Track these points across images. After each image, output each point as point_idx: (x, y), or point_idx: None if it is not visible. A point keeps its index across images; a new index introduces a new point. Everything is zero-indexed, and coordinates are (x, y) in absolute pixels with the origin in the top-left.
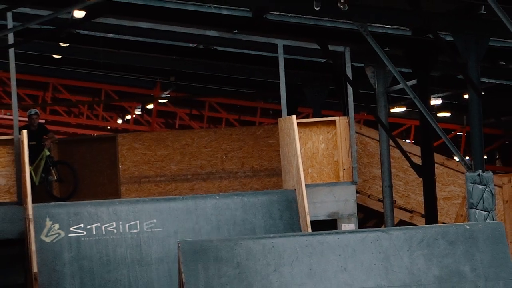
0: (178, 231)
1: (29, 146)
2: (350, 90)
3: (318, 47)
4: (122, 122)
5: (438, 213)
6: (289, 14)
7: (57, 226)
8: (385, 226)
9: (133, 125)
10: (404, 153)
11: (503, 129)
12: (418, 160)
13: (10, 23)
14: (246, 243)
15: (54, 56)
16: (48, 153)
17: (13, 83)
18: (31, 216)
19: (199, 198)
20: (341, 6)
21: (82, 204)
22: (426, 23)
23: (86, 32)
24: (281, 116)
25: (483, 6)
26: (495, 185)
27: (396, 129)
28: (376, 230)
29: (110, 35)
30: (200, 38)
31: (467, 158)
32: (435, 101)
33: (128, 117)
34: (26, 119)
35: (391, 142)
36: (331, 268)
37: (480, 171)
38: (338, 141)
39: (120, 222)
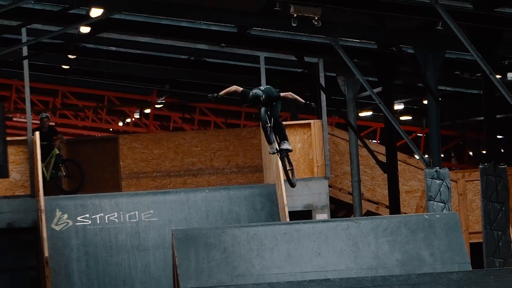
0: (172, 220)
1: (41, 145)
2: (323, 97)
3: (295, 59)
4: (122, 125)
5: (401, 204)
6: (270, 30)
7: (65, 216)
8: (354, 216)
9: (133, 127)
10: (371, 152)
11: (458, 131)
12: (383, 158)
13: (24, 38)
14: (232, 231)
15: (63, 66)
16: (57, 152)
17: (27, 90)
18: (43, 207)
19: (190, 192)
20: (316, 23)
21: (87, 197)
22: (390, 38)
23: (91, 46)
24: None
25: (440, 22)
26: (450, 180)
27: (364, 131)
28: (346, 219)
29: (113, 48)
30: (192, 50)
31: (426, 156)
32: (398, 106)
33: (128, 120)
34: (38, 122)
35: (359, 142)
36: (307, 253)
37: (437, 167)
38: (313, 141)
39: (121, 213)
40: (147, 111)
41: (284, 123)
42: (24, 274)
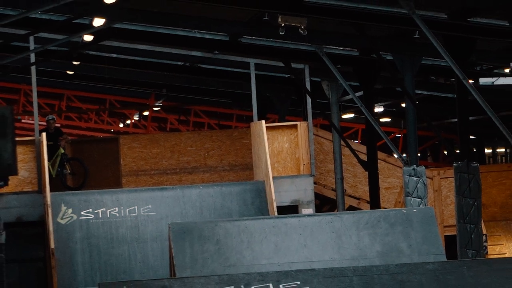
0: (169, 215)
1: (47, 145)
2: (309, 100)
3: (283, 65)
4: (123, 126)
5: (381, 200)
6: (259, 38)
7: (70, 210)
8: (337, 211)
9: (132, 128)
10: (353, 151)
11: (433, 132)
12: (364, 157)
13: (32, 45)
14: (224, 224)
15: (68, 72)
16: (63, 151)
17: (34, 94)
18: (49, 203)
19: (185, 188)
20: (302, 32)
21: (90, 193)
22: (371, 45)
23: (94, 53)
24: (252, 121)
25: (417, 31)
26: (427, 177)
27: (346, 132)
28: (330, 214)
29: (114, 55)
30: (187, 57)
31: (404, 155)
32: (378, 109)
33: (128, 122)
34: (44, 123)
35: (342, 142)
36: (293, 245)
37: (414, 166)
38: (299, 142)
39: (122, 207)
40: (146, 113)
41: (272, 124)
42: (32, 264)
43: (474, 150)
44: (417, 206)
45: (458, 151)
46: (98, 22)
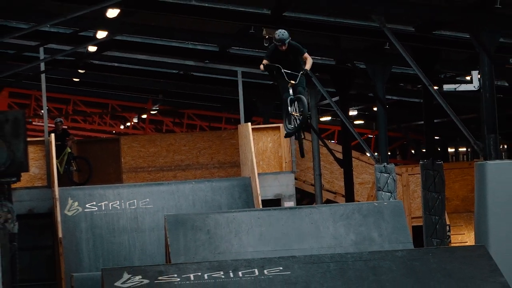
0: (165, 207)
1: (56, 145)
2: None
3: (267, 73)
4: (123, 128)
5: (355, 194)
6: (246, 49)
7: (76, 203)
8: (316, 204)
9: (132, 130)
10: (329, 150)
11: (402, 133)
12: (340, 156)
13: (42, 55)
14: (214, 216)
15: (74, 79)
16: (69, 150)
17: (44, 99)
18: (57, 196)
19: (180, 183)
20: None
21: (94, 188)
22: (346, 56)
23: (97, 62)
24: (240, 123)
25: (388, 43)
26: (396, 173)
27: (324, 133)
28: (309, 206)
29: (115, 64)
30: (181, 66)
31: (376, 154)
32: (352, 112)
33: (128, 124)
34: (53, 125)
35: (320, 142)
36: (277, 234)
37: (385, 163)
38: (282, 142)
39: (122, 201)
40: (144, 116)
41: (258, 126)
42: (42, 252)
43: (439, 149)
44: (388, 200)
45: (424, 150)
46: (101, 34)
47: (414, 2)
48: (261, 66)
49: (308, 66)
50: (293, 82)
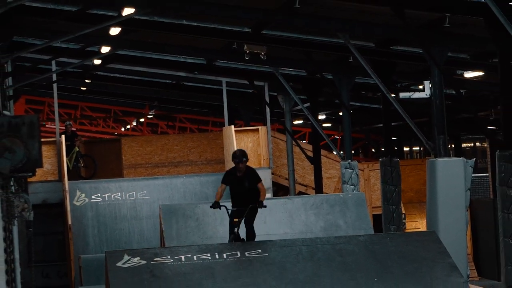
0: (159, 198)
1: (66, 145)
2: (267, 110)
3: (248, 83)
4: (124, 130)
5: (323, 187)
6: (230, 62)
7: (83, 195)
8: (289, 195)
9: (131, 131)
10: (301, 149)
11: (364, 134)
12: (310, 154)
13: (54, 67)
14: (202, 206)
15: (82, 88)
16: (77, 149)
17: (56, 105)
18: (67, 189)
19: (172, 178)
20: (262, 57)
21: (99, 181)
22: (316, 68)
23: (101, 73)
24: (224, 126)
25: (351, 56)
26: (359, 169)
27: (297, 134)
28: (284, 197)
29: (117, 75)
30: (173, 76)
31: (341, 152)
32: (321, 116)
33: (128, 126)
34: (63, 128)
35: (293, 142)
36: (256, 221)
37: (349, 160)
38: (260, 142)
39: (123, 193)
40: (142, 120)
41: (240, 128)
42: (53, 237)
43: (395, 148)
44: (351, 192)
45: (383, 149)
46: (105, 49)
47: (374, 22)
48: (217, 197)
49: (262, 198)
50: (236, 220)
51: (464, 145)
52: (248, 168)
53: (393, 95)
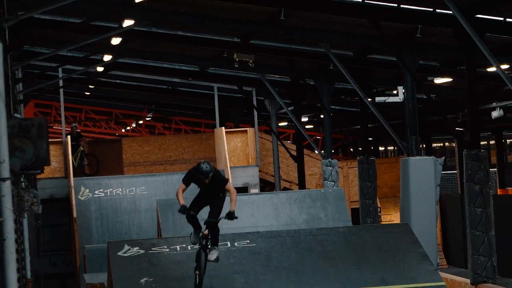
0: (157, 193)
1: (71, 145)
2: (255, 113)
3: (237, 88)
4: (124, 131)
5: (306, 183)
6: (221, 69)
7: (87, 190)
8: (275, 191)
9: (131, 132)
10: (286, 148)
11: (343, 135)
12: (294, 153)
13: (60, 74)
14: None
15: (86, 93)
16: (82, 149)
17: (62, 108)
18: (72, 185)
19: (168, 175)
20: (250, 65)
21: (101, 178)
22: (299, 74)
23: (104, 79)
24: (216, 128)
25: (332, 64)
26: (338, 167)
27: (282, 135)
28: (270, 193)
29: (118, 81)
30: (169, 82)
31: (322, 151)
32: (304, 119)
33: (128, 128)
34: (69, 129)
35: (279, 142)
36: (245, 214)
37: (330, 159)
38: (249, 142)
39: (124, 188)
40: (140, 122)
41: (230, 129)
42: (60, 228)
43: (372, 148)
44: (332, 187)
45: (360, 149)
46: (107, 57)
47: (352, 32)
48: (179, 199)
49: (233, 206)
50: (204, 232)
51: (434, 145)
52: (214, 175)
53: (369, 99)
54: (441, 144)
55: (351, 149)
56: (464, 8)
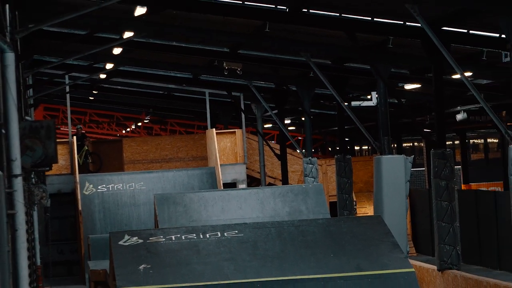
0: (154, 189)
1: (77, 144)
2: (243, 116)
3: (226, 93)
4: (125, 132)
5: (288, 179)
6: (212, 76)
7: (91, 186)
8: (261, 186)
9: (131, 133)
10: (271, 148)
11: (322, 136)
12: (278, 152)
13: (67, 81)
14: (189, 194)
15: (90, 98)
16: (86, 148)
17: (68, 112)
18: (78, 180)
19: (165, 172)
20: (239, 72)
21: (104, 175)
22: (282, 81)
23: (106, 85)
24: (207, 129)
25: (312, 72)
26: (318, 164)
27: (267, 136)
28: (256, 188)
29: (119, 87)
30: (165, 88)
31: (303, 150)
32: (287, 121)
33: (128, 129)
34: (75, 130)
35: (264, 142)
36: (233, 208)
37: (310, 157)
38: (237, 142)
39: (124, 184)
40: (139, 124)
41: (220, 131)
42: (67, 220)
43: (348, 147)
44: (312, 183)
45: (338, 148)
46: (109, 66)
47: (331, 43)
48: None
49: None
50: None
51: (404, 144)
52: None
53: (346, 103)
54: (411, 144)
55: (330, 149)
56: (431, 21)
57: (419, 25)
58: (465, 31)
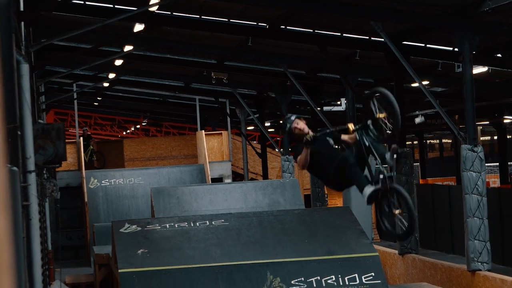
0: (151, 183)
1: (83, 144)
2: (228, 119)
3: (214, 99)
4: (125, 133)
5: (268, 175)
6: (201, 84)
7: (96, 180)
8: (244, 180)
9: (131, 135)
10: (253, 147)
11: None
12: (259, 150)
13: (74, 88)
14: (181, 188)
15: (95, 103)
16: (92, 148)
17: (76, 116)
18: (84, 176)
19: (160, 168)
20: (224, 81)
21: (107, 171)
22: (263, 89)
23: (109, 93)
24: (197, 131)
25: (288, 80)
26: (294, 161)
27: (250, 136)
28: (240, 182)
29: (120, 94)
30: (160, 95)
31: (281, 149)
32: (267, 124)
33: (128, 131)
34: (81, 132)
35: (247, 142)
36: (220, 200)
37: (287, 155)
38: (223, 142)
39: (125, 179)
40: (138, 126)
41: (208, 132)
42: (75, 210)
43: None
44: (289, 178)
45: None
46: (111, 75)
47: (305, 56)
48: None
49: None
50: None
51: None
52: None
53: (318, 108)
54: None
55: None
56: (393, 36)
57: (383, 39)
58: (423, 45)
